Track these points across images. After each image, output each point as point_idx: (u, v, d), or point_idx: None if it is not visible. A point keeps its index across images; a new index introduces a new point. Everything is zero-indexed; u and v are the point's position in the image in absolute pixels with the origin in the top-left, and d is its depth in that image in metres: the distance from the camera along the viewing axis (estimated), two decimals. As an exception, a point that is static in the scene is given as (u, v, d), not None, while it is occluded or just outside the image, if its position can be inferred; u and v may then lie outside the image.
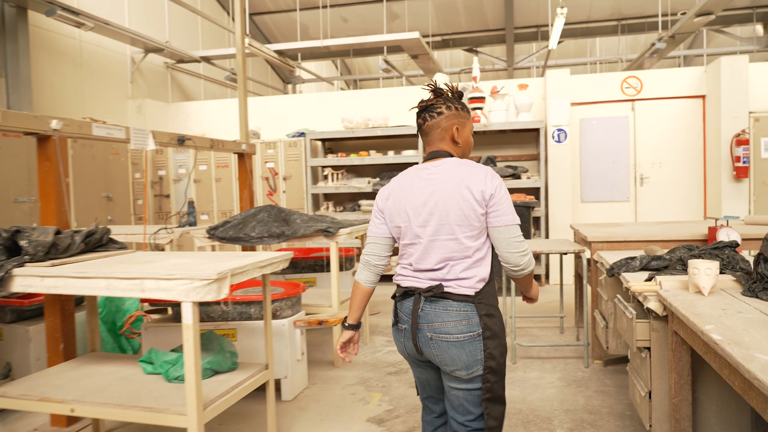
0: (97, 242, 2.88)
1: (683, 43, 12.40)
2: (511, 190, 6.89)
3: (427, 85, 2.03)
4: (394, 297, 2.01)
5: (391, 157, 7.25)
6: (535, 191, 6.99)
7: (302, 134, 7.55)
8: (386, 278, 7.21)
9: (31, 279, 2.37)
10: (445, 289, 1.87)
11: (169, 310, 3.70)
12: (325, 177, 7.54)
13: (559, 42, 11.67)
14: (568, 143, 6.93)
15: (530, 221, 6.41)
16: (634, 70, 7.56)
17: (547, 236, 6.99)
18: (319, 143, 7.91)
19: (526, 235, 6.31)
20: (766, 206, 6.45)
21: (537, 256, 6.73)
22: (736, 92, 6.49)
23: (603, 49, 13.19)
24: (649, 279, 2.55)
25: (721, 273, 2.49)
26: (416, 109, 2.01)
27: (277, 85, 13.06)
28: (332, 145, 8.03)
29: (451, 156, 1.96)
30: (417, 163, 1.99)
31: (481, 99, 7.02)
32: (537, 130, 7.03)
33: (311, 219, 4.19)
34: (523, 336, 4.80)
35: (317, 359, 4.36)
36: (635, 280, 2.67)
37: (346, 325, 2.11)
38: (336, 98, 8.21)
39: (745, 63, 6.51)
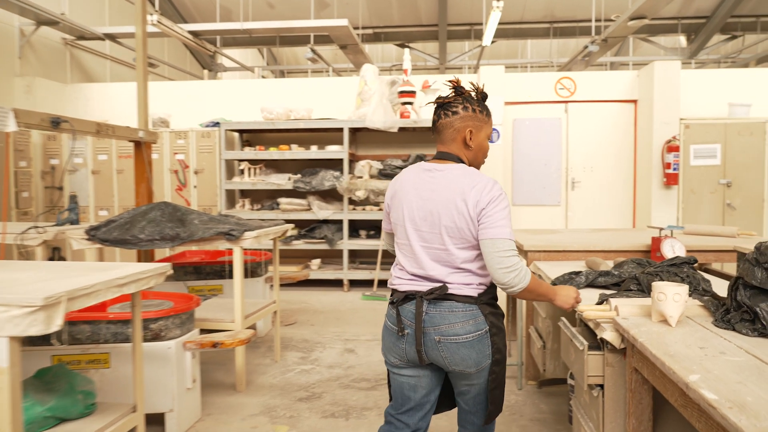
0: None
1: (610, 51, 12.54)
2: (441, 192, 6.50)
3: (449, 81, 1.94)
4: (393, 302, 1.98)
5: (314, 152, 6.71)
6: (465, 193, 6.64)
7: (217, 124, 6.87)
8: (304, 283, 6.66)
9: None
10: (449, 291, 1.87)
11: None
12: (242, 172, 6.90)
13: (492, 42, 11.47)
14: (501, 143, 6.63)
15: (460, 225, 6.03)
16: (568, 72, 7.37)
17: (477, 241, 6.66)
18: (236, 135, 7.25)
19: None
20: (693, 214, 6.37)
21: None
22: (668, 98, 6.38)
23: (534, 52, 13.14)
24: (601, 302, 2.16)
25: (683, 296, 2.13)
26: (433, 105, 1.97)
27: (196, 72, 12.18)
28: (251, 137, 7.39)
29: (460, 160, 1.93)
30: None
31: (412, 94, 6.59)
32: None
33: (212, 220, 3.60)
34: (451, 351, 4.39)
35: (217, 382, 3.77)
36: (585, 303, 2.27)
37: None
38: (256, 86, 7.56)
39: (677, 69, 6.41)
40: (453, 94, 1.93)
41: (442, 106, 1.93)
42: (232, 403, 3.41)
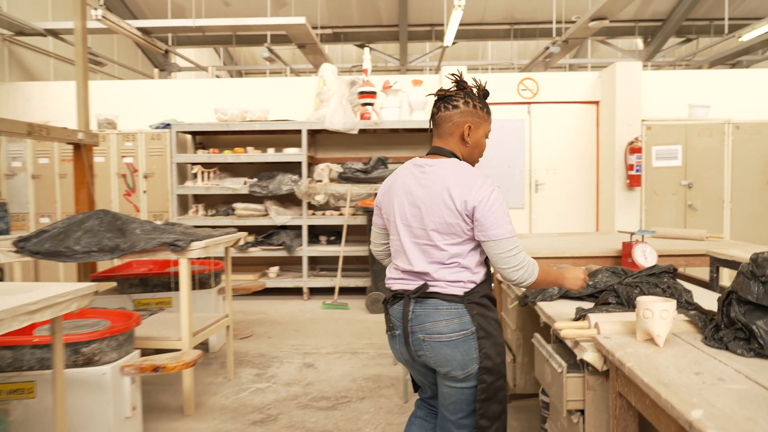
0: None
1: (569, 53, 12.61)
2: (404, 195, 6.31)
3: (452, 74, 1.92)
4: (385, 302, 1.97)
5: (271, 155, 6.42)
6: (428, 196, 6.45)
7: (168, 126, 6.52)
8: (262, 292, 6.37)
9: None
10: (433, 289, 1.84)
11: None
12: (195, 176, 6.56)
13: (453, 43, 11.36)
14: (464, 146, 6.46)
15: (424, 229, 5.85)
16: (530, 72, 7.29)
17: (440, 245, 6.49)
18: (189, 137, 6.90)
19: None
20: (656, 215, 6.35)
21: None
22: (630, 99, 6.34)
23: (495, 54, 13.11)
24: (579, 317, 1.98)
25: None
26: (434, 97, 1.93)
27: (149, 72, 11.70)
28: (204, 139, 7.05)
29: (454, 155, 1.90)
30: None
31: (372, 94, 6.38)
32: (432, 130, 6.50)
33: (156, 229, 3.30)
34: (415, 363, 4.18)
35: (162, 405, 3.47)
36: (561, 318, 2.10)
37: None
38: (210, 86, 7.23)
39: (638, 69, 6.38)
40: (455, 87, 1.90)
41: (443, 98, 1.90)
42: (178, 430, 3.12)
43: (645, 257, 3.14)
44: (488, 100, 1.95)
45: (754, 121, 6.35)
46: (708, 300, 2.32)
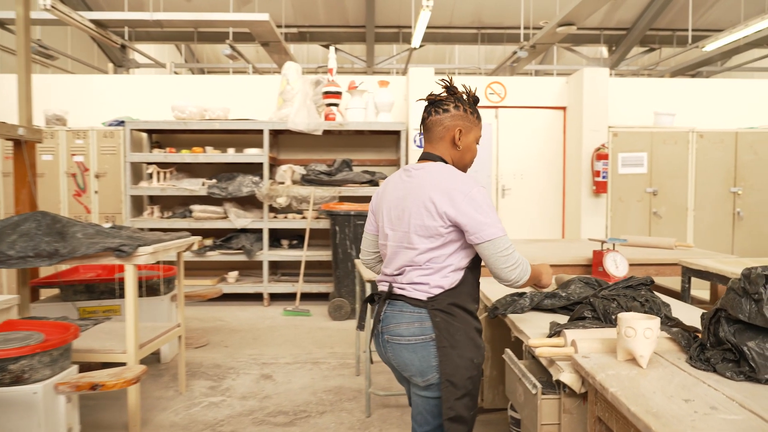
0: None
1: (535, 60, 12.66)
2: (368, 199, 6.15)
3: (441, 80, 1.93)
4: (373, 303, 1.99)
5: (231, 156, 6.17)
6: (394, 200, 6.30)
7: (122, 123, 6.20)
8: (221, 297, 6.12)
9: None
10: (400, 291, 1.85)
11: None
12: (150, 176, 6.26)
13: (421, 46, 11.26)
14: (431, 149, 6.34)
15: (389, 234, 5.69)
16: (499, 76, 7.22)
17: (406, 250, 6.34)
18: (145, 135, 6.60)
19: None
20: (622, 222, 6.33)
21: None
22: (597, 105, 6.32)
23: (462, 58, 13.08)
24: (554, 333, 1.85)
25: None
26: (424, 102, 1.95)
27: (105, 68, 11.27)
28: (161, 138, 6.76)
29: (442, 160, 1.89)
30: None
31: (337, 95, 6.20)
32: (398, 133, 6.37)
33: (100, 233, 3.05)
34: (379, 374, 4.02)
35: (106, 423, 3.22)
36: (533, 332, 1.96)
37: None
38: (168, 83, 6.94)
39: (605, 76, 6.37)
40: (445, 93, 1.90)
41: (433, 103, 1.89)
42: (121, 451, 2.88)
43: (616, 266, 3.05)
44: None
45: (717, 130, 6.40)
46: (684, 313, 2.22)
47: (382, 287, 1.93)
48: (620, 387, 1.38)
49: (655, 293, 2.14)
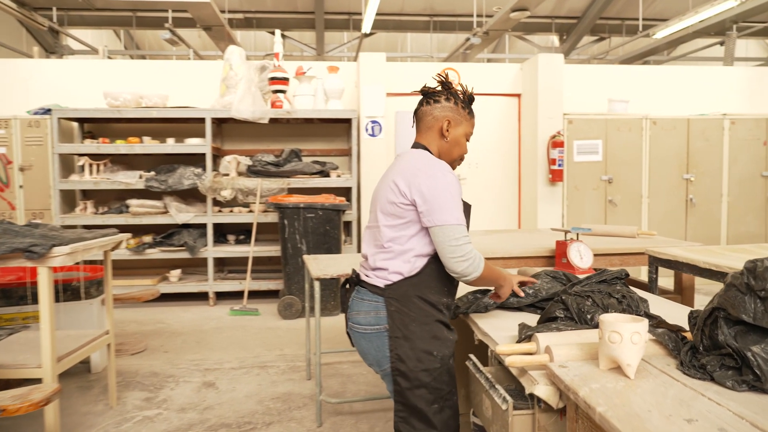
0: None
1: (487, 48, 12.57)
2: (318, 190, 5.86)
3: (437, 75, 1.96)
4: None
5: (170, 146, 5.77)
6: (346, 192, 6.03)
7: (48, 111, 5.71)
8: (162, 298, 5.73)
9: None
10: (363, 278, 1.86)
11: None
12: (82, 169, 5.79)
13: (372, 33, 11.01)
14: (384, 137, 6.10)
15: (340, 227, 5.42)
16: (453, 62, 7.03)
17: (359, 244, 6.08)
18: (75, 125, 6.11)
19: (334, 244, 5.31)
20: (577, 211, 6.25)
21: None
22: (552, 92, 6.19)
23: (414, 46, 12.86)
24: (525, 338, 1.62)
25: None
26: (419, 96, 1.96)
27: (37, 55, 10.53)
28: (94, 128, 6.27)
29: (426, 149, 1.88)
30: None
31: (284, 80, 5.87)
32: (349, 121, 6.08)
33: (8, 231, 2.68)
34: (331, 377, 3.76)
35: (21, 446, 2.86)
36: (499, 335, 1.74)
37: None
38: (101, 68, 6.44)
39: (560, 62, 6.24)
40: (440, 86, 1.92)
41: (426, 94, 1.92)
42: (36, 479, 2.54)
43: (581, 257, 2.88)
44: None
45: (670, 117, 6.38)
46: (658, 307, 2.05)
47: (357, 273, 1.94)
48: (609, 405, 1.16)
49: (630, 287, 1.95)
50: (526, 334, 1.60)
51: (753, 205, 6.54)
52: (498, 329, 1.84)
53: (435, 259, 1.80)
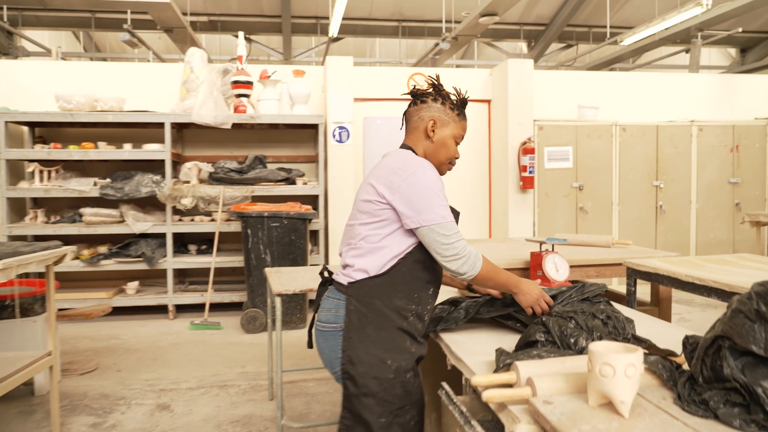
0: None
1: (456, 54, 12.53)
2: (284, 198, 5.65)
3: (428, 78, 1.91)
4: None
5: (127, 152, 5.50)
6: (313, 200, 5.83)
7: (-5, 115, 5.37)
8: (119, 311, 5.46)
9: None
10: (334, 276, 1.81)
11: None
12: (32, 175, 5.47)
13: (340, 38, 10.86)
14: (351, 144, 5.92)
15: (306, 236, 5.22)
16: (422, 67, 6.90)
17: (326, 254, 5.88)
18: (26, 129, 5.79)
19: (300, 254, 5.10)
20: (548, 219, 6.17)
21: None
22: (522, 98, 6.11)
23: (383, 52, 12.74)
24: (503, 366, 1.46)
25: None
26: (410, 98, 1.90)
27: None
28: (46, 132, 5.95)
29: (410, 149, 1.82)
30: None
31: (248, 84, 5.66)
32: (315, 127, 5.88)
33: (-69, 246, 2.42)
34: (295, 397, 3.55)
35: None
36: (477, 363, 1.57)
37: None
38: (54, 70, 6.12)
39: (530, 67, 6.17)
40: (431, 88, 1.87)
41: (415, 95, 1.87)
42: None
43: (557, 270, 2.74)
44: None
45: (639, 124, 6.36)
46: (640, 326, 1.91)
47: None
48: (604, 454, 1.00)
49: (612, 304, 1.81)
50: (504, 363, 1.44)
51: (720, 212, 6.56)
52: (472, 353, 1.68)
53: (407, 262, 1.72)
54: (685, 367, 1.39)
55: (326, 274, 1.89)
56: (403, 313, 1.73)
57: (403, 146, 1.87)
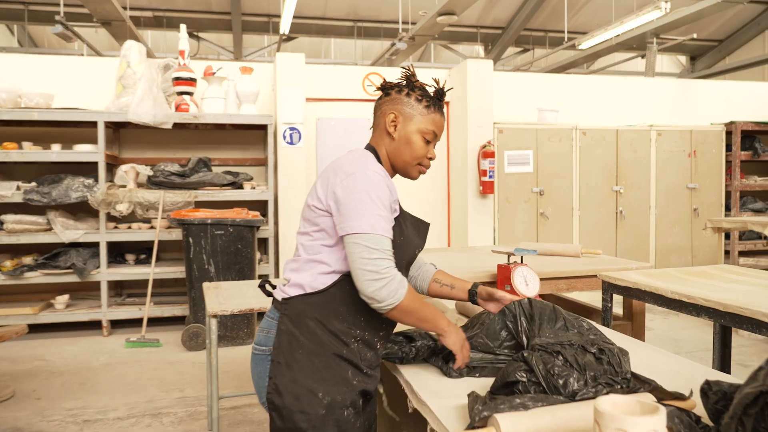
0: None
1: (412, 56, 12.32)
2: (231, 204, 5.26)
3: (402, 67, 1.67)
4: None
5: (56, 153, 5.01)
6: (262, 205, 5.45)
7: None
8: (46, 328, 4.96)
9: None
10: (275, 289, 1.58)
11: None
12: (-54, 179, 4.92)
13: (293, 37, 10.51)
14: (303, 146, 5.58)
15: (254, 245, 4.85)
16: (378, 67, 6.63)
17: (276, 264, 5.51)
18: (-61, 127, 5.22)
19: (247, 264, 4.73)
20: (509, 225, 5.96)
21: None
22: (482, 99, 5.90)
23: (338, 53, 12.43)
24: (479, 420, 1.16)
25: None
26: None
27: None
28: (-37, 131, 5.39)
29: (372, 149, 1.57)
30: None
31: (191, 81, 5.24)
32: (265, 128, 5.52)
33: None
34: (238, 426, 3.19)
35: None
36: (445, 408, 1.28)
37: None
38: (-27, 63, 5.57)
39: (489, 68, 5.97)
40: (404, 81, 1.60)
41: (384, 88, 1.61)
42: None
43: (526, 284, 2.47)
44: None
45: (599, 128, 6.25)
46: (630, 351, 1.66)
47: None
48: None
49: (598, 328, 1.54)
50: (480, 417, 1.14)
51: (679, 217, 6.50)
52: (440, 395, 1.39)
53: (350, 279, 1.42)
54: (700, 414, 1.12)
55: (268, 287, 1.62)
56: (343, 339, 1.46)
57: (368, 147, 1.61)
